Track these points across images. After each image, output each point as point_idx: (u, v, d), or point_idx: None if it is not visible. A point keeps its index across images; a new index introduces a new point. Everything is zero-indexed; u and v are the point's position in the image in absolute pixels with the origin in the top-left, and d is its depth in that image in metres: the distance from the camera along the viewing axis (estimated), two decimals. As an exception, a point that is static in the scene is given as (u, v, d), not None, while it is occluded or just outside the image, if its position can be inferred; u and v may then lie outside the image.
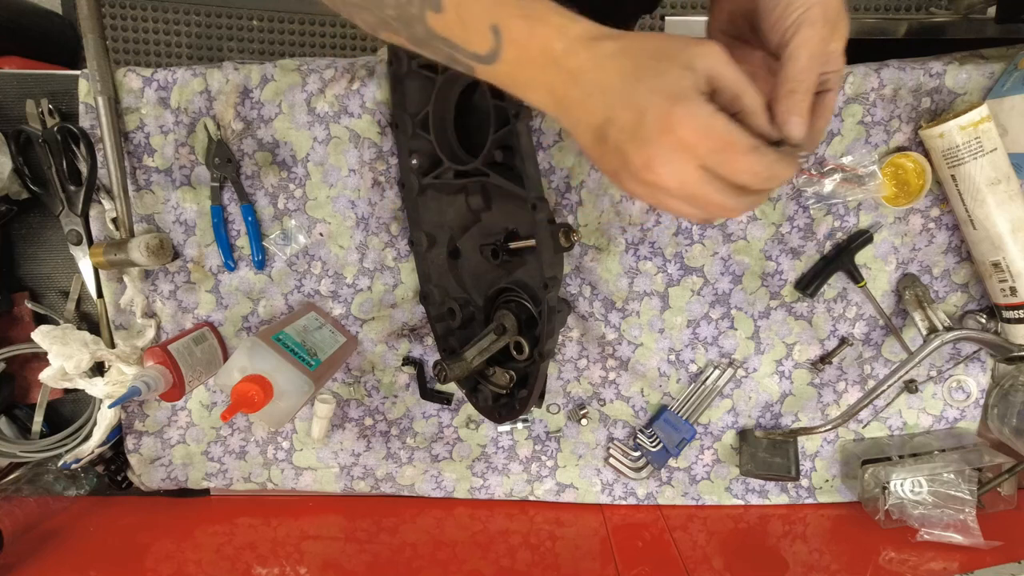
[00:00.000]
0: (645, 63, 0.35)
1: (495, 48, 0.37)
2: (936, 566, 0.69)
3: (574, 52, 0.36)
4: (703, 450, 0.81)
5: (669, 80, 0.35)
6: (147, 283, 0.77)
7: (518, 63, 0.37)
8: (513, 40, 0.37)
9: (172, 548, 0.76)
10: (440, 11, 0.37)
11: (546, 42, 0.36)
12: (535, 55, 0.37)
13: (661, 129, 0.35)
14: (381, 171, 0.73)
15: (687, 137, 0.35)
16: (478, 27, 0.37)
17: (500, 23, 0.36)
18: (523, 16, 0.36)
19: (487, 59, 0.38)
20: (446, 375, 0.62)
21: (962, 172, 0.65)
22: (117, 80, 0.71)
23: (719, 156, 0.35)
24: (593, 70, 0.36)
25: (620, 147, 0.36)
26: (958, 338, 0.69)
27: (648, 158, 0.36)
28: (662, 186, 0.36)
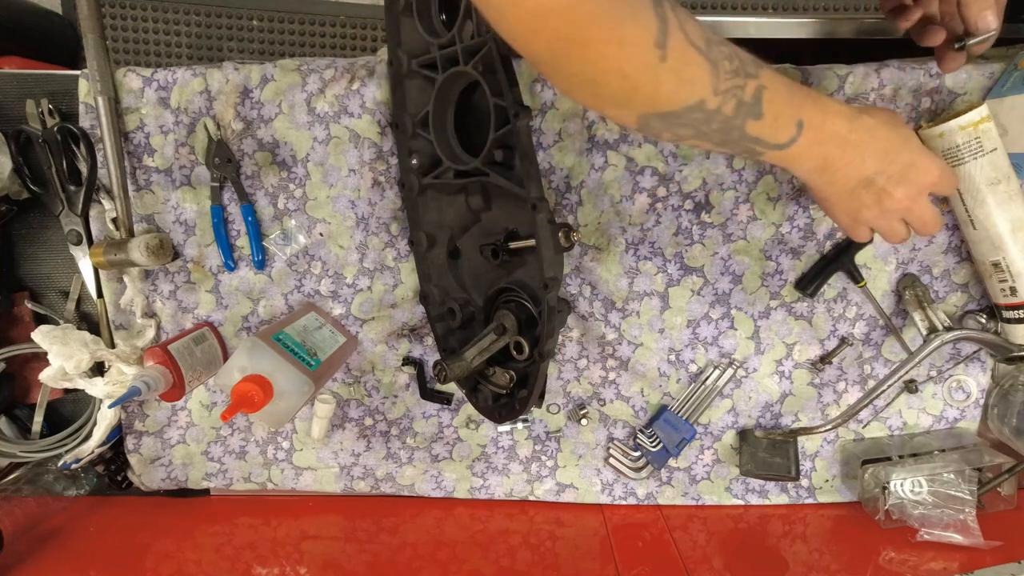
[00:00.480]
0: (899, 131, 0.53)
1: (795, 137, 0.48)
2: (936, 566, 0.69)
3: (854, 128, 0.51)
4: (703, 450, 0.81)
5: (917, 141, 0.55)
6: (147, 283, 0.77)
7: (809, 144, 0.49)
8: (812, 127, 0.48)
9: (172, 548, 0.76)
10: (760, 119, 0.46)
11: (834, 125, 0.50)
12: (825, 135, 0.50)
13: (923, 173, 0.54)
14: (381, 171, 0.73)
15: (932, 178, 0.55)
16: (787, 124, 0.48)
17: (804, 117, 0.48)
18: (819, 109, 0.49)
19: (784, 146, 0.49)
20: (446, 375, 0.62)
21: (962, 172, 0.65)
22: (117, 80, 0.71)
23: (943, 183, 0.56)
24: (869, 139, 0.51)
25: (885, 190, 0.53)
26: (958, 338, 0.69)
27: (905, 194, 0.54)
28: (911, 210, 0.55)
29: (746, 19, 0.82)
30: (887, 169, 0.53)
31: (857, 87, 0.68)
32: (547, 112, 0.71)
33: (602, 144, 0.71)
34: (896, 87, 0.68)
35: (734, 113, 0.45)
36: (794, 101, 0.48)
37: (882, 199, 0.54)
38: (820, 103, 0.49)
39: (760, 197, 0.72)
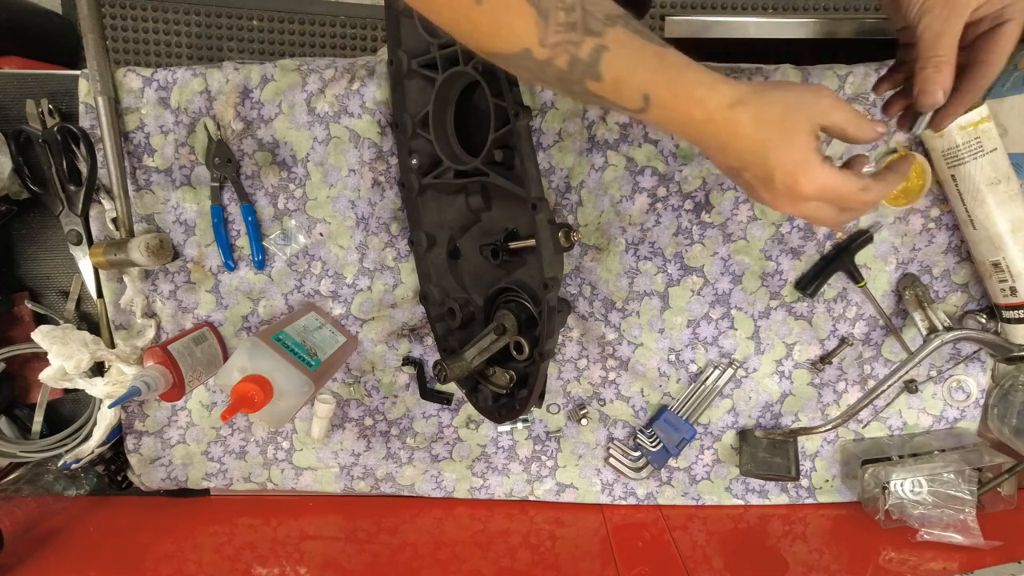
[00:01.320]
0: (773, 135, 0.43)
1: (644, 108, 0.44)
2: (936, 566, 0.69)
3: (713, 121, 0.43)
4: (703, 450, 0.81)
5: (794, 151, 0.43)
6: (147, 283, 0.77)
7: (662, 120, 0.45)
8: (660, 105, 0.43)
9: (172, 548, 0.76)
10: (599, 81, 0.43)
11: (687, 111, 0.43)
12: (679, 116, 0.44)
13: (789, 188, 0.44)
14: (381, 171, 0.73)
15: (808, 194, 0.44)
16: (631, 94, 0.43)
17: (650, 92, 0.43)
18: (671, 90, 0.43)
19: (635, 112, 0.45)
20: (446, 375, 0.62)
21: (962, 172, 0.65)
22: (117, 80, 0.71)
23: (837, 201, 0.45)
24: (730, 137, 0.44)
25: (752, 185, 0.46)
26: (958, 338, 0.69)
27: (773, 199, 0.46)
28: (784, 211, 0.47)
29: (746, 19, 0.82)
30: (749, 169, 0.45)
31: (857, 87, 0.68)
32: (547, 112, 0.71)
33: (602, 144, 0.71)
34: (896, 87, 0.68)
35: (568, 68, 0.42)
36: (639, 72, 0.42)
37: (753, 194, 0.47)
38: (675, 84, 0.43)
39: (760, 197, 0.71)
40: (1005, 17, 0.45)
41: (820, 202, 0.45)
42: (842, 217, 0.47)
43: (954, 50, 0.46)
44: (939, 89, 0.46)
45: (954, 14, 0.45)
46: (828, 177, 0.44)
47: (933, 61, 0.46)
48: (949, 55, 0.46)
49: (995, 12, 0.45)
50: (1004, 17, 0.45)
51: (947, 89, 0.47)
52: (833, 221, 0.48)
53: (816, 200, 0.45)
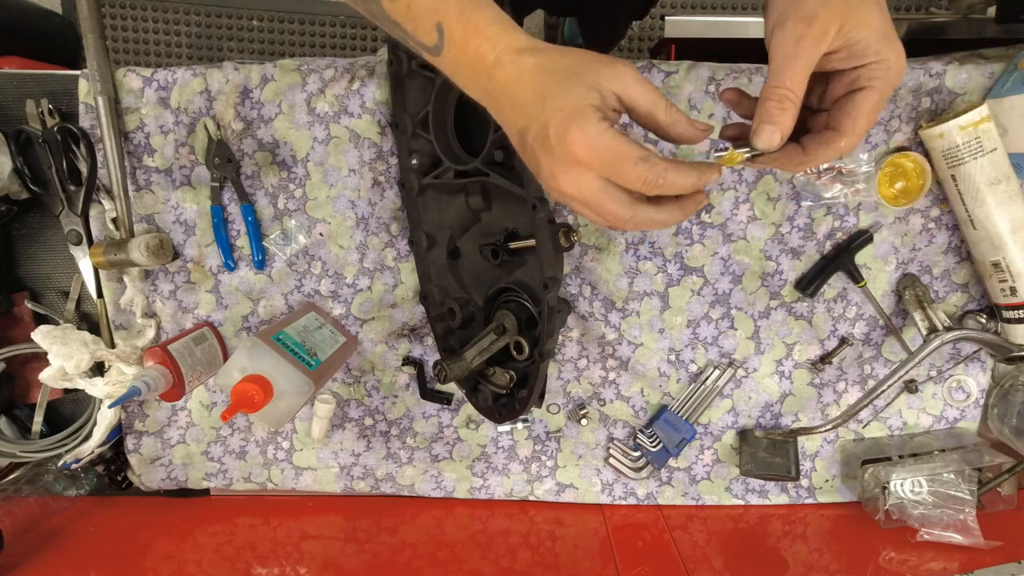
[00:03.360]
0: (554, 81, 0.38)
1: (439, 44, 0.40)
2: (936, 566, 0.69)
3: (501, 64, 0.39)
4: (703, 450, 0.81)
5: (570, 98, 0.38)
6: (147, 283, 0.77)
7: (457, 63, 0.40)
8: (453, 42, 0.39)
9: (172, 548, 0.76)
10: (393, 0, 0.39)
11: (479, 51, 0.39)
12: (470, 60, 0.40)
13: (560, 143, 0.38)
14: (381, 171, 0.73)
15: (579, 152, 0.38)
16: (424, 22, 0.39)
17: (443, 22, 0.39)
18: (462, 22, 0.39)
19: (433, 51, 0.41)
20: (446, 375, 0.62)
21: (962, 172, 0.65)
22: (117, 80, 0.71)
23: (611, 168, 0.38)
24: (515, 84, 0.39)
25: (534, 153, 0.40)
26: (958, 338, 0.69)
27: (552, 166, 0.39)
28: (564, 192, 0.40)
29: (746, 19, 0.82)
30: (530, 126, 0.39)
31: (857, 87, 0.68)
32: (547, 112, 0.71)
33: (602, 144, 0.71)
34: (896, 87, 0.68)
35: None
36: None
37: (538, 167, 0.40)
38: (467, 14, 0.39)
39: (760, 197, 0.72)
40: (861, 82, 0.39)
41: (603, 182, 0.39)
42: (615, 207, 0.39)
43: (803, 85, 0.38)
44: (776, 132, 0.39)
45: (808, 37, 0.37)
46: (602, 133, 0.37)
47: (778, 93, 0.38)
48: (797, 90, 0.38)
49: (853, 71, 0.39)
50: (860, 82, 0.39)
51: (785, 133, 0.39)
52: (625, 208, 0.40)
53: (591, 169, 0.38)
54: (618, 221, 0.40)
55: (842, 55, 0.39)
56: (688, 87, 0.69)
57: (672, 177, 0.38)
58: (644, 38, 1.61)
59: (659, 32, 1.60)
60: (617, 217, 0.40)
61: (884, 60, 0.38)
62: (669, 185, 0.39)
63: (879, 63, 0.38)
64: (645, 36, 1.61)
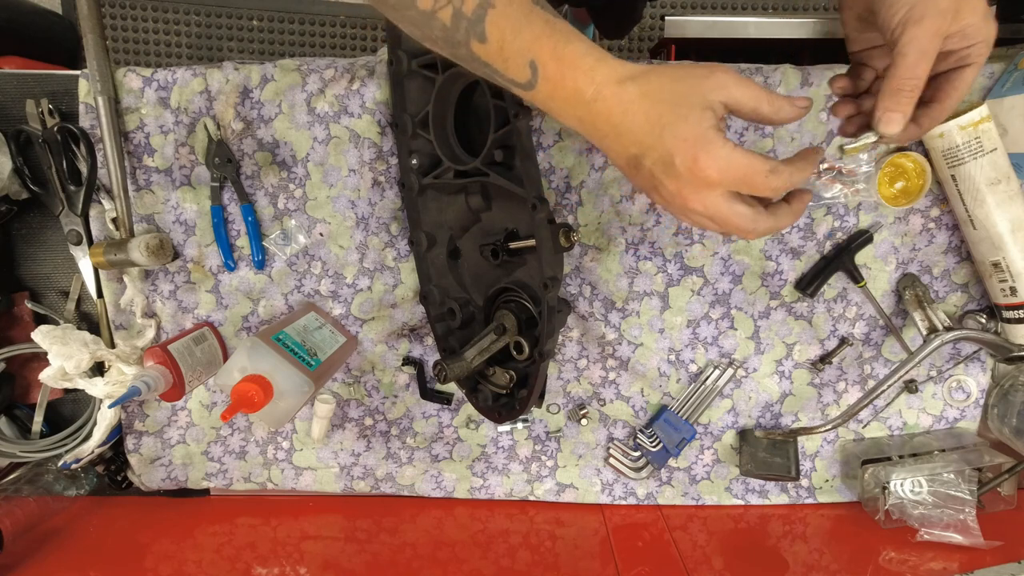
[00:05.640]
0: (666, 109, 0.40)
1: (532, 80, 0.41)
2: (936, 566, 0.69)
3: (602, 98, 0.40)
4: (703, 450, 0.81)
5: (690, 126, 0.39)
6: (147, 283, 0.77)
7: (551, 97, 0.41)
8: (547, 78, 0.40)
9: (172, 548, 0.76)
10: (484, 42, 0.40)
11: (576, 85, 0.40)
12: (567, 94, 0.41)
13: (690, 170, 0.40)
14: (381, 171, 0.73)
15: (712, 176, 0.40)
16: (517, 61, 0.40)
17: (537, 60, 0.40)
18: (556, 59, 0.40)
19: (525, 87, 0.42)
20: (446, 375, 0.62)
21: (962, 172, 0.65)
22: (117, 80, 0.71)
23: (743, 184, 0.41)
24: (620, 115, 0.40)
25: (655, 177, 0.41)
26: (958, 338, 0.69)
27: (679, 189, 0.41)
28: (691, 209, 0.42)
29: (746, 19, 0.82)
30: (648, 153, 0.41)
31: (857, 87, 0.68)
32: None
33: (602, 144, 0.71)
34: (896, 87, 0.68)
35: (453, 25, 0.40)
36: (525, 33, 0.39)
37: (657, 187, 0.42)
38: (560, 50, 0.40)
39: (760, 197, 0.71)
40: (970, 59, 0.43)
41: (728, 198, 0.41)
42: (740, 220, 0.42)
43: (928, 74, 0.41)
44: (904, 120, 0.42)
45: (940, 31, 0.41)
46: (731, 154, 0.39)
47: (911, 84, 0.41)
48: (924, 80, 0.41)
49: (962, 50, 0.42)
50: (969, 59, 0.43)
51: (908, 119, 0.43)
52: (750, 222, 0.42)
53: (721, 187, 0.40)
54: (741, 232, 0.43)
55: (955, 39, 0.42)
56: None
57: (795, 178, 0.41)
58: (644, 38, 1.61)
59: (659, 32, 1.60)
60: (741, 229, 0.43)
61: (987, 39, 0.42)
62: (793, 186, 0.42)
63: (984, 42, 0.42)
64: (645, 36, 1.61)
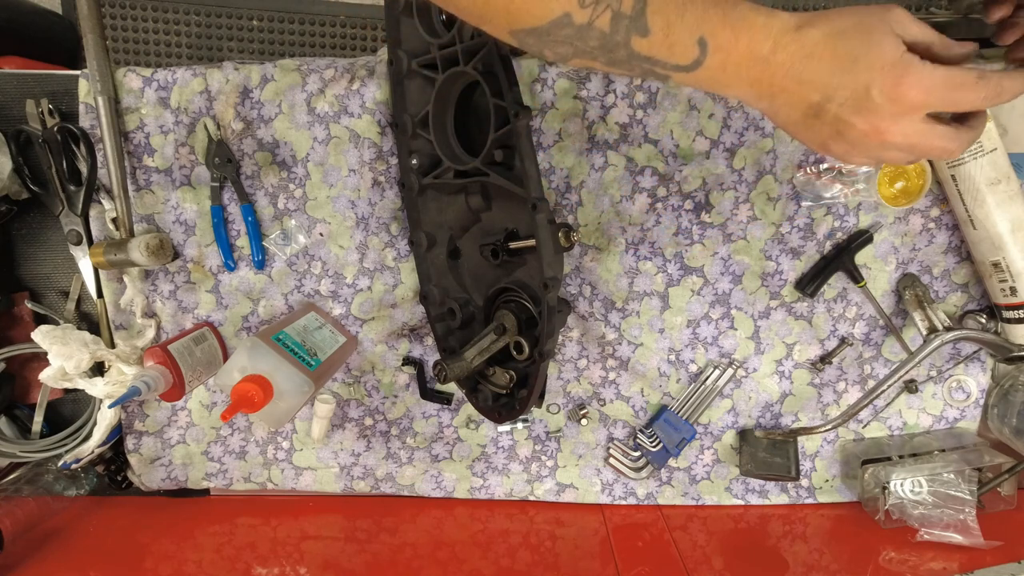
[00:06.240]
0: (855, 43, 0.39)
1: (699, 58, 0.40)
2: (936, 566, 0.69)
3: (782, 47, 0.39)
4: (703, 450, 0.81)
5: (885, 51, 0.39)
6: (147, 283, 0.77)
7: (722, 67, 0.40)
8: (719, 47, 0.40)
9: (172, 548, 0.76)
10: (647, 35, 0.39)
11: (752, 44, 0.40)
12: (741, 57, 0.40)
13: (890, 97, 0.39)
14: (381, 171, 0.73)
15: (917, 98, 0.39)
16: (685, 42, 0.39)
17: (706, 33, 0.39)
18: (728, 25, 0.39)
19: (689, 68, 0.41)
20: (446, 375, 0.62)
21: (962, 172, 0.65)
22: (117, 80, 0.71)
23: (951, 98, 0.39)
24: (804, 60, 0.40)
25: (840, 118, 0.40)
26: (958, 338, 0.69)
27: (876, 124, 0.40)
28: (889, 143, 0.41)
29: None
30: (836, 94, 0.40)
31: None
32: (547, 112, 0.71)
33: (602, 144, 0.71)
34: (896, 87, 0.68)
35: (612, 29, 0.39)
36: (690, 13, 0.39)
37: (843, 131, 0.41)
38: (730, 15, 0.39)
39: (760, 197, 0.72)
40: None
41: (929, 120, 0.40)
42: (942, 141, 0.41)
43: None
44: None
45: None
46: (935, 71, 0.39)
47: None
48: None
49: None
50: None
51: None
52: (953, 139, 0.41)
53: (925, 108, 0.39)
54: (945, 152, 0.42)
55: None
56: (688, 87, 0.69)
57: (1007, 84, 0.40)
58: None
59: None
60: (946, 150, 0.42)
61: None
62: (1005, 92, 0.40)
63: None
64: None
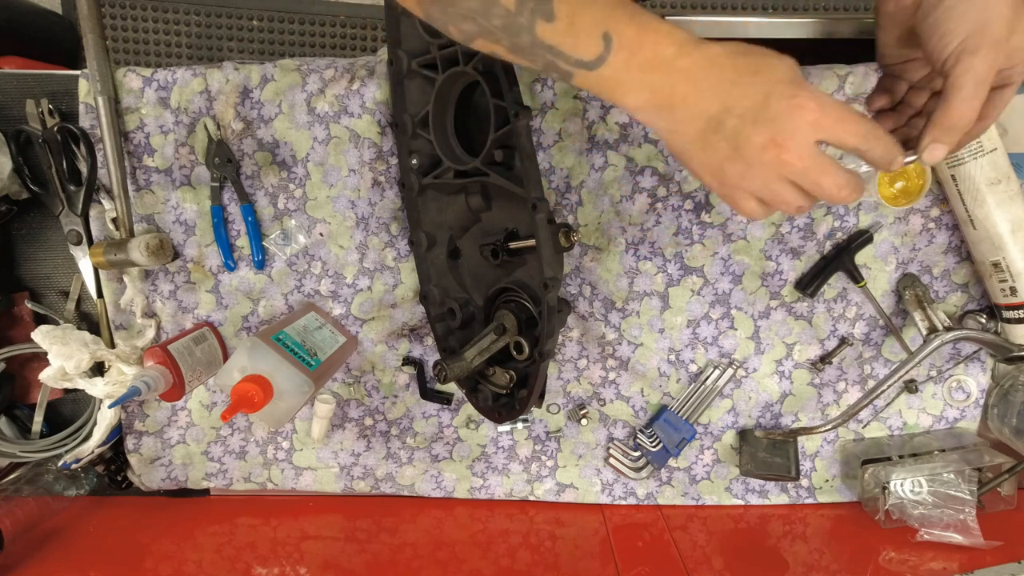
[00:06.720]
0: (755, 59, 0.40)
1: (603, 54, 0.39)
2: (936, 566, 0.69)
3: (686, 53, 0.39)
4: (703, 450, 0.81)
5: (783, 70, 0.40)
6: (147, 283, 0.77)
7: (625, 67, 0.40)
8: (624, 45, 0.39)
9: (172, 548, 0.76)
10: (552, 20, 0.39)
11: (656, 47, 0.39)
12: (645, 59, 0.39)
13: (789, 108, 0.39)
14: (381, 171, 0.73)
15: (811, 113, 0.39)
16: (590, 34, 0.39)
17: (612, 29, 0.39)
18: (634, 24, 0.39)
19: (591, 65, 0.40)
20: (446, 375, 0.62)
21: (962, 172, 0.65)
22: (117, 80, 0.71)
23: (839, 124, 0.39)
24: (707, 67, 0.39)
25: (738, 131, 0.40)
26: (958, 338, 0.69)
27: (773, 135, 0.39)
28: (786, 161, 0.40)
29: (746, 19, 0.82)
30: (737, 104, 0.39)
31: (857, 87, 0.68)
32: (547, 112, 0.71)
33: (602, 144, 0.71)
34: (896, 87, 0.68)
35: (517, 8, 0.38)
36: (598, 6, 0.38)
37: (741, 147, 0.40)
38: (636, 16, 0.39)
39: (760, 197, 0.71)
40: (1013, 79, 0.43)
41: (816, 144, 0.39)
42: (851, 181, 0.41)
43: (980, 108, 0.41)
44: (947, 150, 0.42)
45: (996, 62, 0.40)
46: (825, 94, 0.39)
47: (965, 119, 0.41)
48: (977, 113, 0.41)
49: (1007, 70, 0.42)
50: (1012, 79, 0.43)
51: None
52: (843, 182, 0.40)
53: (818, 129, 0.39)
54: (834, 192, 0.41)
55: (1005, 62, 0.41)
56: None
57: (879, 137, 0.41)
58: (644, 38, 1.61)
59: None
60: (836, 186, 0.41)
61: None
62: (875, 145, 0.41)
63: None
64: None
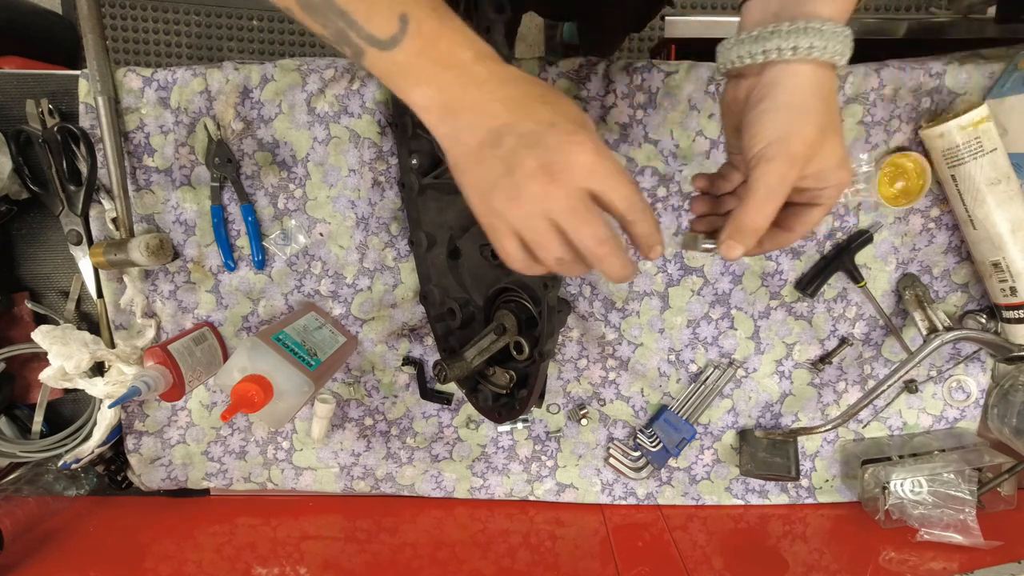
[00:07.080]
0: (549, 93, 0.39)
1: (398, 35, 0.37)
2: (936, 566, 0.69)
3: (482, 62, 0.38)
4: (703, 450, 0.81)
5: (577, 112, 0.39)
6: (147, 283, 0.77)
7: (418, 56, 0.37)
8: (420, 32, 0.37)
9: (172, 548, 0.76)
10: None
11: (453, 46, 0.38)
12: (440, 54, 0.37)
13: (568, 142, 0.37)
14: (381, 171, 0.73)
15: (585, 157, 0.37)
16: (385, 11, 0.36)
17: (410, 13, 0.36)
18: (436, 16, 0.37)
19: (385, 44, 0.37)
20: (446, 375, 0.62)
21: (962, 172, 0.65)
22: (117, 80, 0.71)
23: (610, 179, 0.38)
24: (500, 81, 0.38)
25: (515, 151, 0.37)
26: (958, 338, 0.69)
27: (546, 163, 0.37)
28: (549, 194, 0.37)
29: (746, 19, 0.82)
30: (520, 123, 0.37)
31: (857, 87, 0.68)
32: (547, 112, 0.71)
33: (602, 144, 0.71)
34: (896, 87, 0.68)
35: None
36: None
37: (514, 168, 0.37)
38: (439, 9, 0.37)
39: (760, 197, 0.71)
40: (820, 200, 0.43)
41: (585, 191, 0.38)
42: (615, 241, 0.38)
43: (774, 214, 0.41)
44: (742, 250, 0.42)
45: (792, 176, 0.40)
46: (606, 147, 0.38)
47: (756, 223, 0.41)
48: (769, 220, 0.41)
49: (814, 190, 0.42)
50: (819, 200, 0.43)
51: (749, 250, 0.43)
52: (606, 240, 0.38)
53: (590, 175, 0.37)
54: (593, 239, 0.38)
55: (808, 181, 0.42)
56: (688, 87, 0.69)
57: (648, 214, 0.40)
58: (644, 38, 1.61)
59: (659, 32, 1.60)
60: (596, 237, 0.38)
61: (839, 183, 0.42)
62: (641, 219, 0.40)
63: (836, 186, 0.42)
64: (645, 36, 1.61)
